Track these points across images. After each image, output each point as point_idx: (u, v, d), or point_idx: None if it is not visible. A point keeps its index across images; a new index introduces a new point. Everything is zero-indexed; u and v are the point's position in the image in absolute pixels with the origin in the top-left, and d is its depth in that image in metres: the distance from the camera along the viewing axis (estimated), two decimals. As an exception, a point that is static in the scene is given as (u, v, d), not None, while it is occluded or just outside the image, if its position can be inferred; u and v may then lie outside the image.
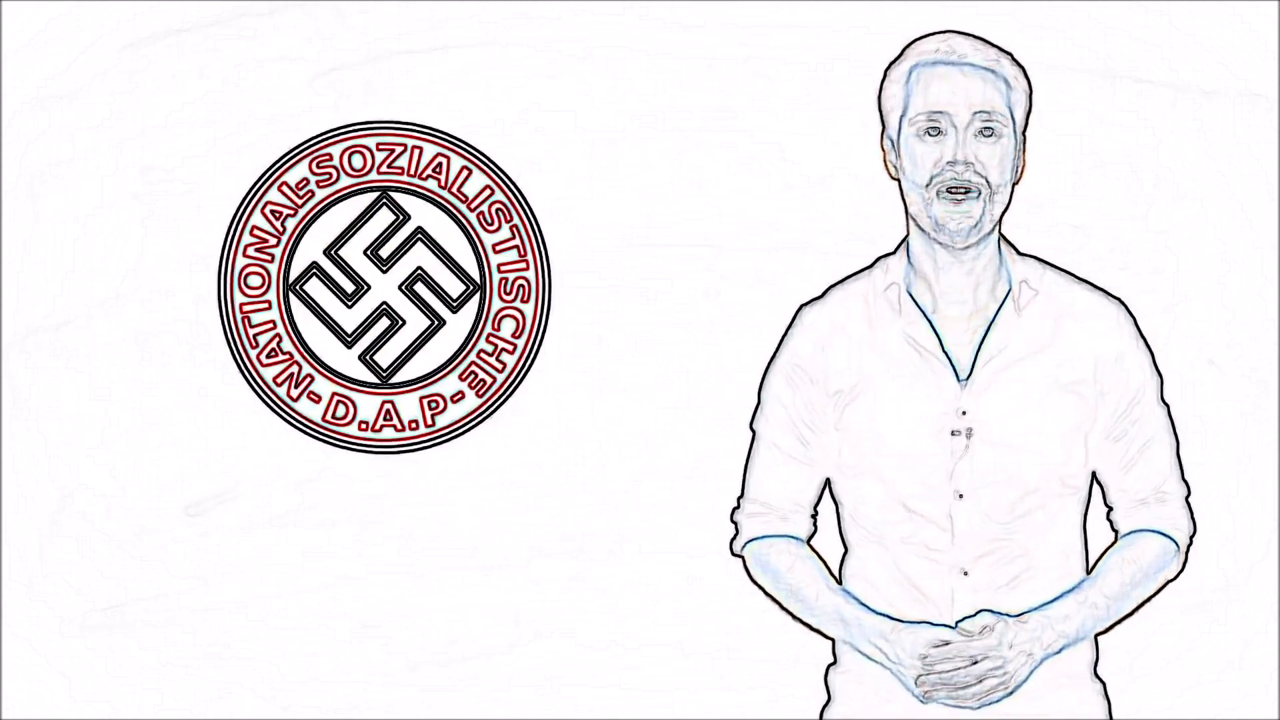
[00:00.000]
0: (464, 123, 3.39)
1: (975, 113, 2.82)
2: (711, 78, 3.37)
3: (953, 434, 2.86)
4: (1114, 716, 2.95)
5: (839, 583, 2.95)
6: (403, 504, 3.40)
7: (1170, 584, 2.91)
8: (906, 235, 2.92)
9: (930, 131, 2.83)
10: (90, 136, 3.39)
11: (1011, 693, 2.80)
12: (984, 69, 2.83)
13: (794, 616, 2.94)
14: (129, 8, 3.39)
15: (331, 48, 3.39)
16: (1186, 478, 2.93)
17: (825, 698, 2.97)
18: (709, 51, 3.37)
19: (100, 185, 3.40)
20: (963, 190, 2.82)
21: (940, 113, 2.82)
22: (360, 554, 3.39)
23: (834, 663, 2.96)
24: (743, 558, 2.99)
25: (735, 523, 3.00)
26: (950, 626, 2.81)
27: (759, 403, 2.99)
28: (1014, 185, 2.87)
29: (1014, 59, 2.87)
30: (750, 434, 3.00)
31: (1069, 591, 2.86)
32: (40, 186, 3.39)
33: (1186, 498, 2.92)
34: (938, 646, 2.80)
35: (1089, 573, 2.90)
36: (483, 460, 3.39)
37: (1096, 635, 2.89)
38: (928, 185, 2.83)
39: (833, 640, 2.94)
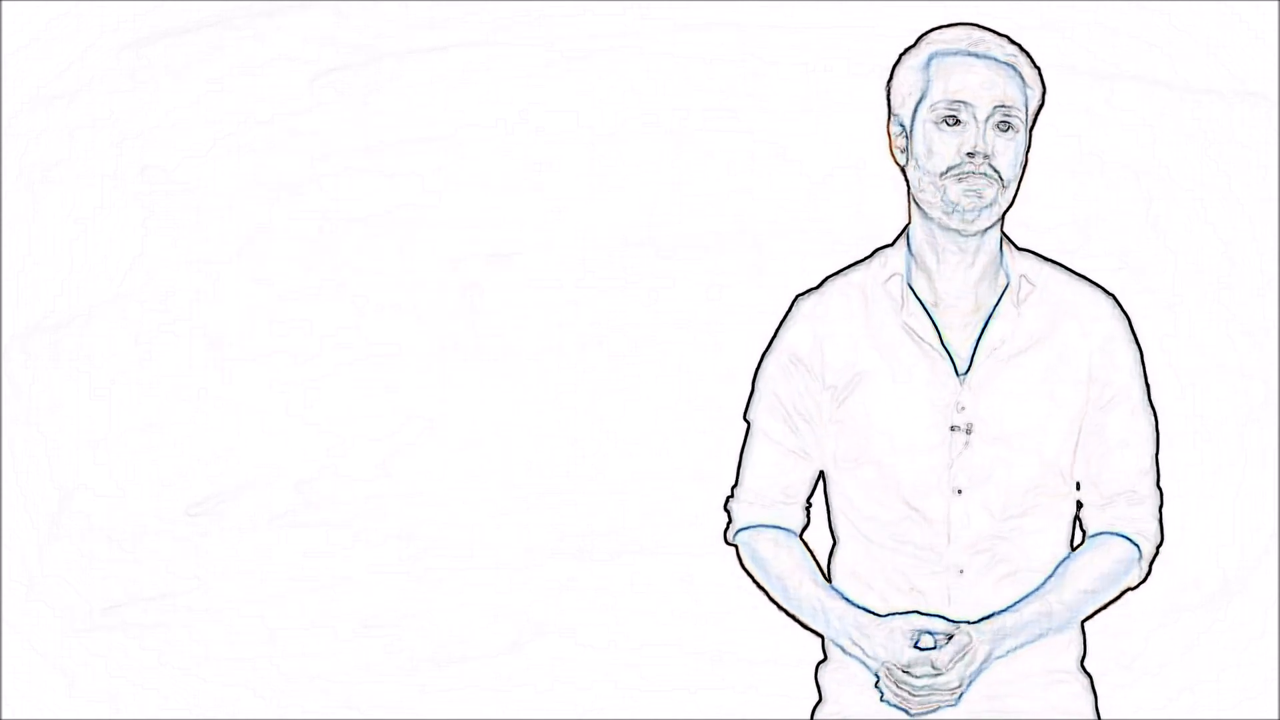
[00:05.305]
0: (464, 122, 3.39)
1: (996, 106, 2.81)
2: (711, 78, 3.37)
3: (952, 429, 2.85)
4: (1101, 711, 2.93)
5: (827, 578, 2.93)
6: (403, 504, 3.40)
7: (1130, 592, 2.88)
8: (907, 225, 2.91)
9: (949, 120, 2.82)
10: (90, 136, 3.39)
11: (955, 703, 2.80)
12: (1005, 64, 2.83)
13: (780, 607, 2.93)
14: (129, 8, 3.39)
15: (331, 48, 3.39)
16: (1163, 487, 2.90)
17: (816, 697, 2.96)
18: (709, 51, 3.37)
19: (100, 185, 3.40)
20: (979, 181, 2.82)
21: (962, 102, 2.81)
22: (360, 554, 3.39)
23: (824, 660, 2.94)
24: (736, 547, 2.98)
25: (728, 511, 2.98)
26: (929, 615, 2.80)
27: (753, 392, 2.97)
28: (1019, 182, 2.87)
29: (1031, 59, 2.86)
30: (745, 424, 2.99)
31: (1031, 595, 2.84)
32: (40, 186, 3.39)
33: (1159, 507, 2.89)
34: (910, 667, 2.78)
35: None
36: (483, 460, 3.39)
37: (1082, 626, 2.89)
38: (943, 174, 2.82)
39: (822, 638, 2.93)
